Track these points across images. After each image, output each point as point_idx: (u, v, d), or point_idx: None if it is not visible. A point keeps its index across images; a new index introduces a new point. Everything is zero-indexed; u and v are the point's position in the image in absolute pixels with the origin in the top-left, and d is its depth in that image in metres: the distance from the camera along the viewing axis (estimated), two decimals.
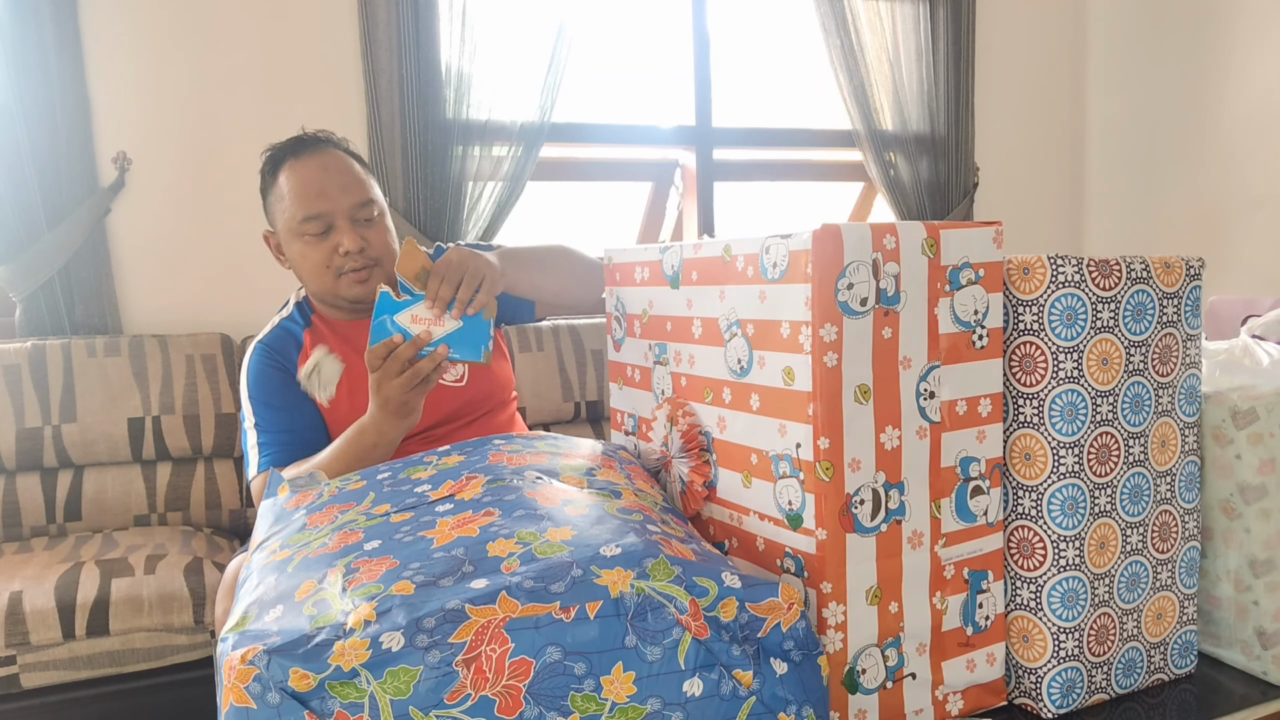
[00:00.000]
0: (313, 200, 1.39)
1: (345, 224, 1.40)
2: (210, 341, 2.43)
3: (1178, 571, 0.96)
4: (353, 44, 2.71)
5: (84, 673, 1.82)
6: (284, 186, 1.42)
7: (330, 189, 1.40)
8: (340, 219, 1.40)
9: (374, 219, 1.43)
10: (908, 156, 3.32)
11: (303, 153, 1.43)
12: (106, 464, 2.31)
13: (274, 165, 1.45)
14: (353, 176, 1.43)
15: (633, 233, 3.38)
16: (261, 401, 1.43)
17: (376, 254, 1.42)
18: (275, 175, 1.44)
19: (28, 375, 2.23)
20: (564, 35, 2.80)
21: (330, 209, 1.39)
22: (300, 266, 1.45)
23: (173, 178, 2.57)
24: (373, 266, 1.42)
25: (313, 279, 1.44)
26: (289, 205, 1.41)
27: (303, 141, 1.45)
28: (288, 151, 1.44)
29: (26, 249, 2.35)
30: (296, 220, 1.40)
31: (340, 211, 1.40)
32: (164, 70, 2.55)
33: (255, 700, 0.63)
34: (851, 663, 0.83)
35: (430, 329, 1.16)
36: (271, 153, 1.47)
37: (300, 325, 1.50)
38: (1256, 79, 3.13)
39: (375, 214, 1.44)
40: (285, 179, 1.42)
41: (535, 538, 0.76)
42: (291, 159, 1.43)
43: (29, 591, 1.81)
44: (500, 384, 1.53)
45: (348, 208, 1.40)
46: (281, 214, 1.43)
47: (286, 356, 1.46)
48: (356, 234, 1.40)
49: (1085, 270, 0.87)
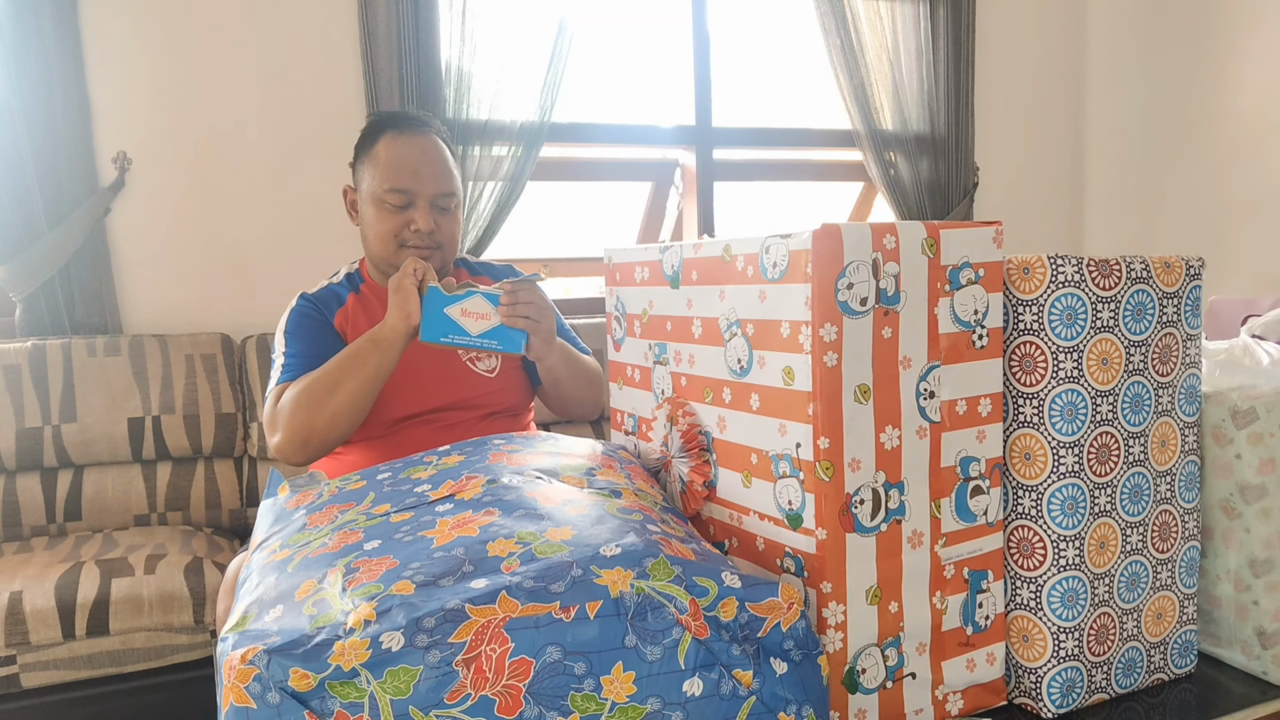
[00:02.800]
0: (404, 176, 1.48)
1: (425, 205, 1.49)
2: (210, 341, 2.43)
3: (1178, 571, 0.96)
4: (353, 44, 2.71)
5: (84, 673, 1.82)
6: (380, 154, 1.50)
7: (422, 171, 1.49)
8: (421, 200, 1.49)
9: (450, 209, 1.52)
10: (908, 156, 3.32)
11: (406, 128, 1.51)
12: (106, 464, 2.31)
13: (375, 131, 1.53)
14: (444, 166, 1.52)
15: (633, 233, 3.38)
16: (294, 335, 1.51)
17: (442, 240, 1.51)
18: (374, 140, 1.52)
19: (28, 375, 2.23)
20: (564, 34, 2.80)
21: (416, 189, 1.48)
22: (369, 229, 1.53)
23: (173, 178, 2.57)
24: (435, 249, 1.51)
25: (377, 244, 1.51)
26: (380, 172, 1.49)
27: (408, 118, 1.54)
28: (392, 123, 1.53)
29: (26, 249, 2.35)
30: (383, 189, 1.48)
31: (424, 194, 1.49)
32: (164, 70, 2.55)
33: (255, 700, 0.63)
34: (851, 662, 0.83)
35: (478, 321, 1.30)
36: (377, 118, 1.56)
37: (347, 289, 1.59)
38: (1256, 79, 3.13)
39: (453, 205, 1.53)
40: (384, 147, 1.50)
41: (535, 538, 0.76)
42: (393, 131, 1.51)
43: (29, 591, 1.81)
44: (524, 391, 1.60)
45: (432, 193, 1.49)
46: (370, 178, 1.51)
47: (327, 308, 1.55)
48: (432, 217, 1.49)
49: (1085, 270, 0.87)
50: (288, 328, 1.53)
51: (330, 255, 2.75)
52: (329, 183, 2.78)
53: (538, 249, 3.19)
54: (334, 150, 2.76)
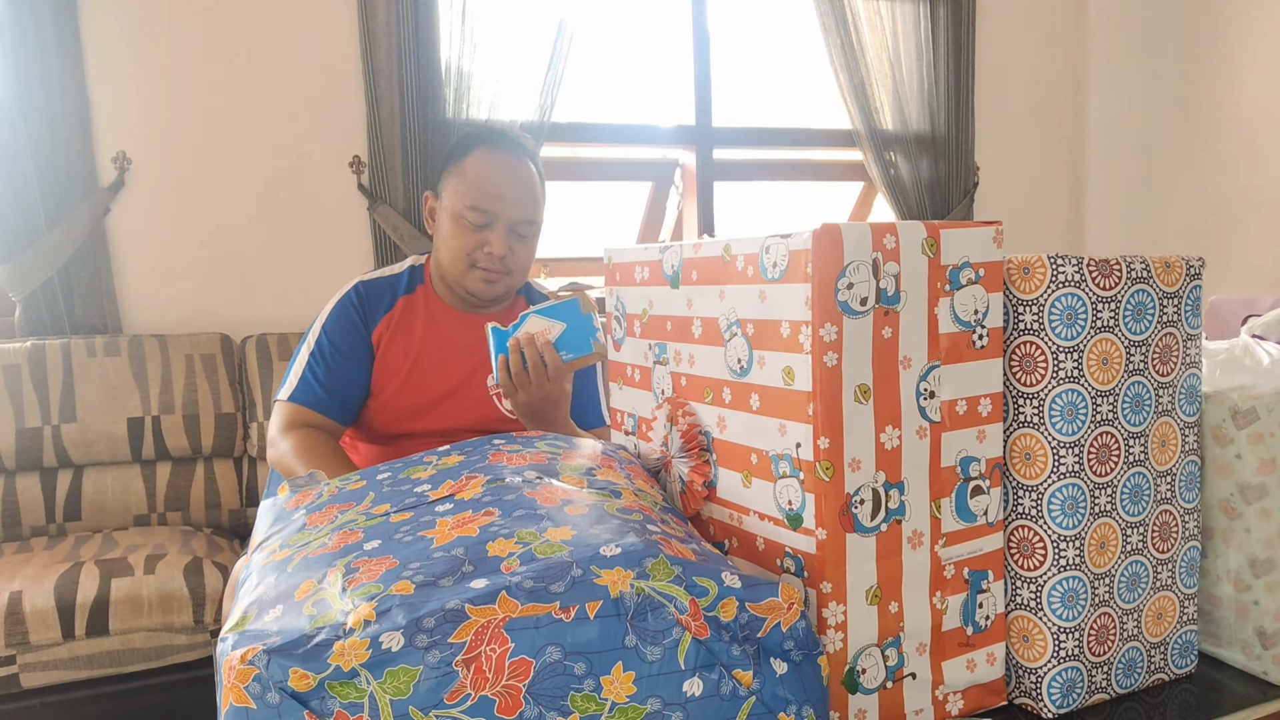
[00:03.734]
0: (488, 197, 1.46)
1: (503, 229, 1.47)
2: (210, 341, 2.43)
3: (1178, 571, 0.96)
4: (353, 43, 2.71)
5: (84, 673, 1.82)
6: (468, 168, 1.48)
7: (507, 195, 1.47)
8: (500, 223, 1.47)
9: (528, 237, 1.51)
10: (908, 156, 3.32)
11: (499, 147, 1.50)
12: (106, 464, 2.31)
13: (469, 144, 1.51)
14: (531, 194, 1.50)
15: (633, 232, 3.38)
16: (323, 348, 1.48)
17: (513, 266, 1.49)
18: (465, 153, 1.50)
19: (27, 375, 2.23)
20: (564, 34, 2.80)
21: (498, 211, 1.46)
22: (443, 242, 1.51)
23: (173, 178, 2.57)
24: (504, 274, 1.49)
25: (448, 257, 1.50)
26: (464, 188, 1.47)
27: (504, 137, 1.52)
28: (486, 139, 1.51)
29: (26, 249, 2.35)
30: (464, 204, 1.47)
31: (504, 217, 1.47)
32: (164, 70, 2.55)
33: (255, 700, 0.63)
34: (851, 663, 0.82)
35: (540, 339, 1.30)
36: (472, 131, 1.54)
37: (404, 286, 1.55)
38: (1256, 79, 3.13)
39: (531, 233, 1.51)
40: (473, 163, 1.48)
41: (535, 537, 0.76)
42: (486, 147, 1.49)
43: (29, 591, 1.81)
44: None
45: (512, 218, 1.47)
46: (454, 190, 1.49)
47: (372, 312, 1.52)
48: (508, 243, 1.47)
49: (1085, 270, 0.87)
50: (326, 325, 1.50)
51: (330, 255, 2.76)
52: (329, 183, 2.78)
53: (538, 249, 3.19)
54: (334, 150, 2.76)
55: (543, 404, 1.34)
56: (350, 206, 2.76)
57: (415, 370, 1.50)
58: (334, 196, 2.76)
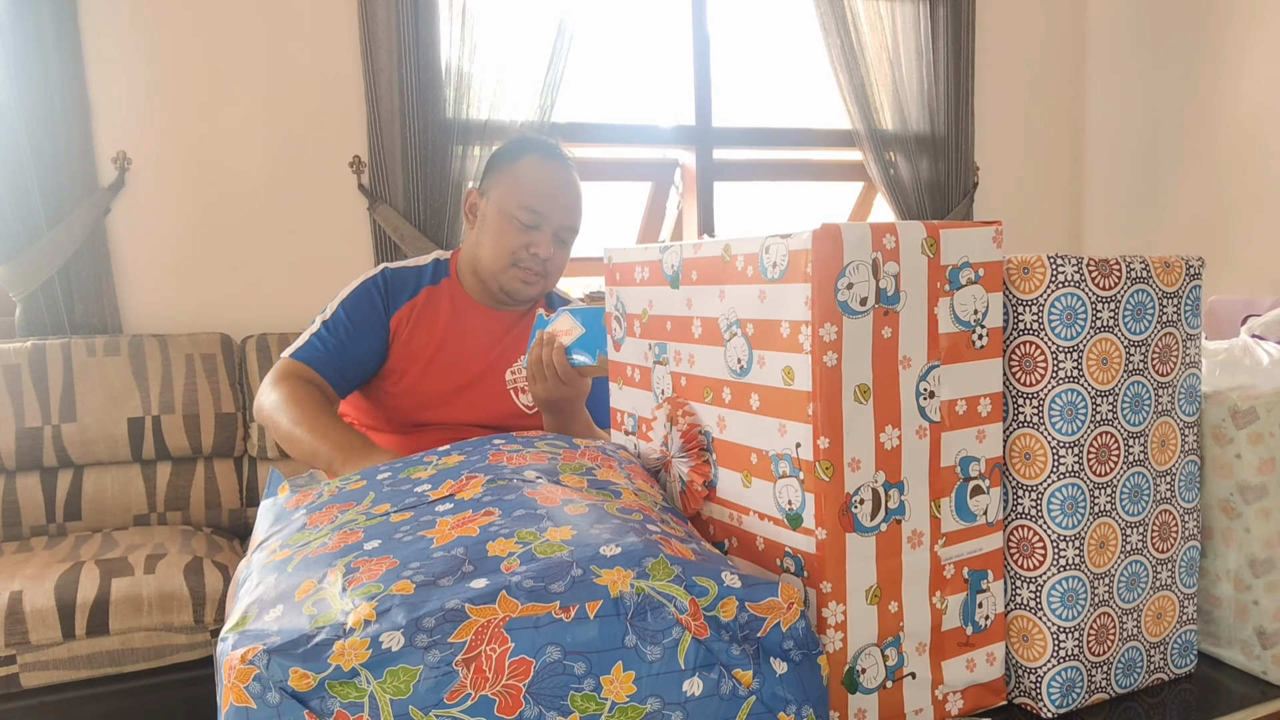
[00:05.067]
0: (543, 201, 1.53)
1: (549, 233, 1.54)
2: (210, 341, 2.43)
3: (1177, 571, 0.96)
4: (353, 44, 2.71)
5: (84, 672, 1.82)
6: (523, 170, 1.55)
7: (559, 200, 1.54)
8: (548, 228, 1.54)
9: (567, 244, 1.59)
10: (908, 156, 3.32)
11: (553, 156, 1.57)
12: (106, 464, 2.31)
13: (521, 148, 1.58)
14: (578, 202, 1.58)
15: (633, 232, 3.38)
16: (340, 318, 1.52)
17: (551, 269, 1.57)
18: (518, 156, 1.56)
19: (28, 375, 2.23)
20: (564, 34, 2.80)
21: (549, 214, 1.53)
22: (487, 237, 1.55)
23: (173, 178, 2.57)
24: (542, 277, 1.56)
25: (489, 253, 1.55)
26: (519, 187, 1.53)
27: (554, 147, 1.59)
28: (539, 146, 1.58)
29: (26, 249, 2.35)
30: (515, 205, 1.52)
31: (553, 221, 1.54)
32: (164, 70, 2.55)
33: (255, 700, 0.63)
34: (851, 662, 0.83)
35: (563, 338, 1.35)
36: (524, 137, 1.62)
37: (429, 277, 1.61)
38: (1256, 79, 3.13)
39: (571, 240, 1.59)
40: (528, 165, 1.55)
41: (535, 537, 0.76)
42: (540, 154, 1.56)
43: (29, 591, 1.81)
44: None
45: (559, 223, 1.55)
46: (504, 190, 1.54)
47: (394, 298, 1.56)
48: (552, 247, 1.54)
49: (1085, 270, 0.87)
50: (346, 300, 1.54)
51: (330, 255, 2.76)
52: (329, 183, 2.78)
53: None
54: (334, 150, 2.76)
55: (560, 400, 1.37)
56: (350, 206, 2.76)
57: (437, 357, 1.54)
58: (334, 196, 2.76)
